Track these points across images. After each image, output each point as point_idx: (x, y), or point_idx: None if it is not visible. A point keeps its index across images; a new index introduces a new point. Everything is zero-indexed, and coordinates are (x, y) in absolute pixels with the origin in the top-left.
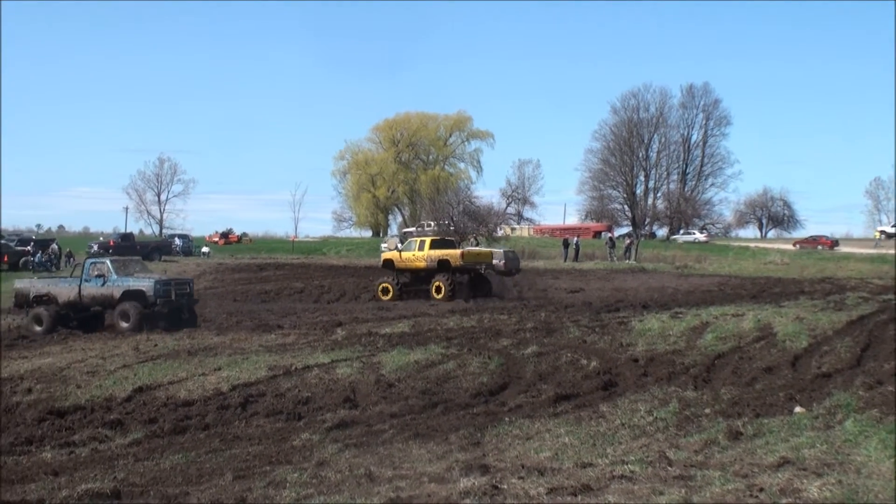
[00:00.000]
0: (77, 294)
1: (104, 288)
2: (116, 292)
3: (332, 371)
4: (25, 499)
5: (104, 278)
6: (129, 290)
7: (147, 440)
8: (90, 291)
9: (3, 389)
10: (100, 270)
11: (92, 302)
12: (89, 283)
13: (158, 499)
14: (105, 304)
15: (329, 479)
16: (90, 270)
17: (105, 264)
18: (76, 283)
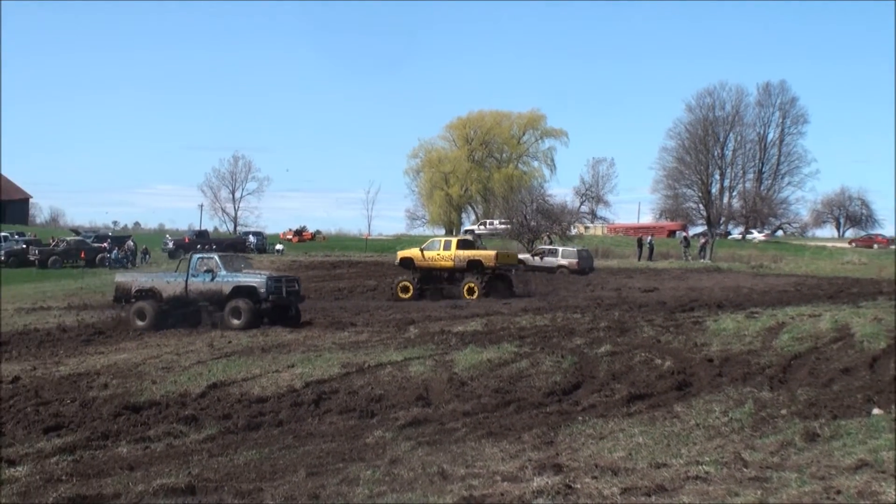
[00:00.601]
0: (183, 289)
1: (213, 284)
2: (226, 288)
3: (404, 369)
4: (102, 493)
5: (213, 274)
6: (240, 286)
7: (221, 436)
8: (198, 287)
9: (80, 384)
10: (208, 266)
11: (199, 297)
12: (196, 278)
13: (232, 494)
14: (213, 300)
15: (402, 477)
16: (197, 266)
17: (213, 259)
18: (182, 278)
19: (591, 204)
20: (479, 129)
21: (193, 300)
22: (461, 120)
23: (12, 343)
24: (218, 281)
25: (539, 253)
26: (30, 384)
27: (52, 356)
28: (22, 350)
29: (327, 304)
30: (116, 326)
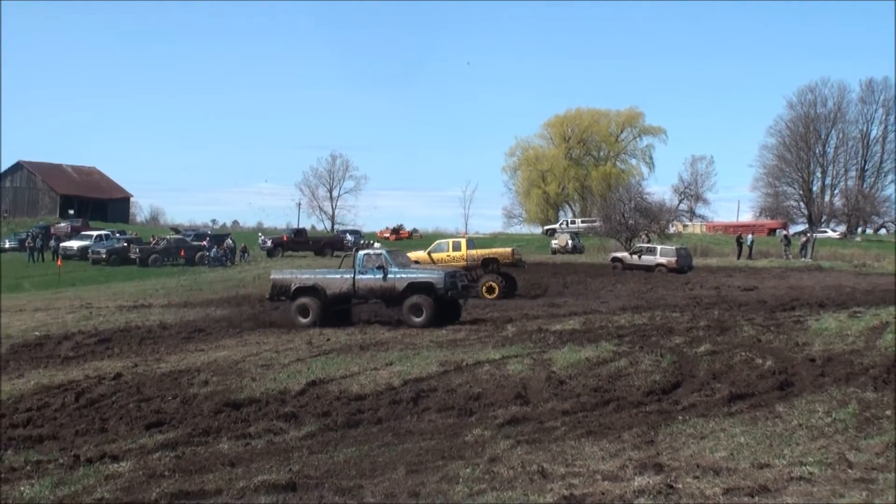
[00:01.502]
0: (351, 286)
1: (385, 280)
2: (400, 285)
3: (503, 367)
4: (203, 489)
5: (384, 270)
6: (416, 282)
7: (321, 433)
8: (367, 284)
9: (181, 381)
10: (377, 262)
11: (369, 294)
12: (365, 275)
13: (333, 491)
14: (385, 297)
15: (501, 475)
16: (364, 262)
17: (382, 255)
18: (347, 274)
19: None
20: (576, 126)
21: (362, 297)
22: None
23: (114, 340)
24: (390, 278)
25: (637, 251)
26: (132, 381)
27: (154, 353)
28: (124, 347)
29: None
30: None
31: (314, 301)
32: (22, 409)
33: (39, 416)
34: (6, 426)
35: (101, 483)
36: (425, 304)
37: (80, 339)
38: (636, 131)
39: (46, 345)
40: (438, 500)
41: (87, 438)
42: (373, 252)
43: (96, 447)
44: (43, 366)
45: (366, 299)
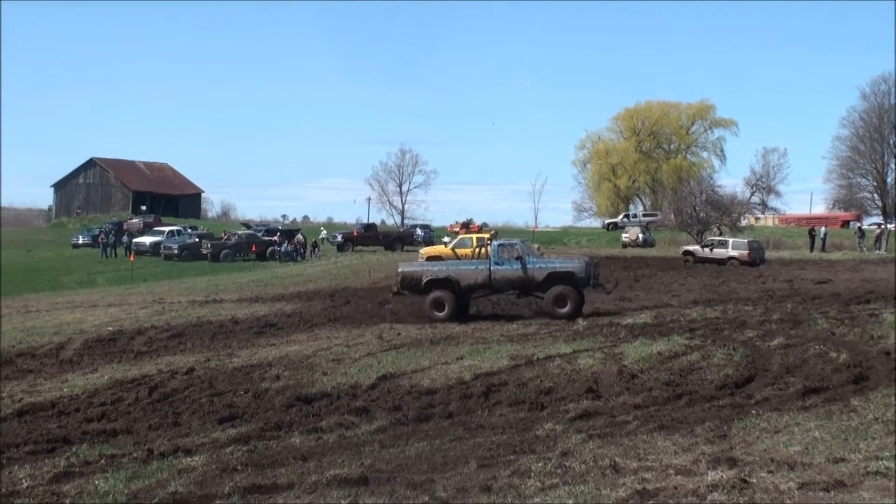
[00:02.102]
0: (486, 277)
1: (525, 271)
2: (539, 275)
3: (573, 361)
4: (276, 482)
5: (522, 260)
6: (556, 272)
7: (392, 427)
8: (504, 274)
9: (253, 376)
10: (515, 253)
11: (506, 285)
12: (501, 265)
13: (405, 486)
14: (523, 287)
15: (573, 470)
16: (500, 253)
17: (518, 246)
18: (482, 265)
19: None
20: (646, 119)
21: (498, 288)
22: (629, 111)
23: (186, 335)
24: (531, 268)
25: (709, 244)
26: (204, 375)
27: (226, 348)
28: (196, 342)
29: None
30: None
31: (448, 294)
32: (96, 404)
33: (113, 410)
34: (80, 420)
35: (174, 477)
36: (570, 295)
37: (152, 334)
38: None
39: (120, 340)
40: (510, 495)
41: (160, 433)
42: (507, 243)
43: (169, 441)
44: (116, 360)
45: (502, 290)
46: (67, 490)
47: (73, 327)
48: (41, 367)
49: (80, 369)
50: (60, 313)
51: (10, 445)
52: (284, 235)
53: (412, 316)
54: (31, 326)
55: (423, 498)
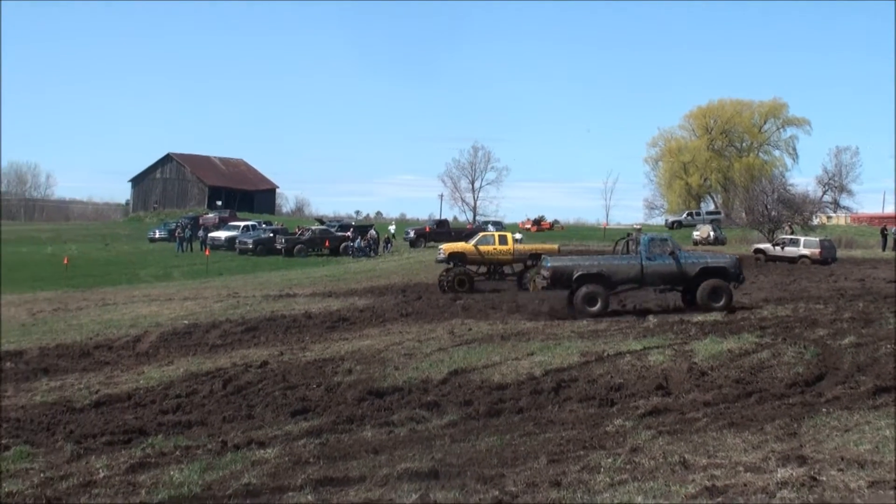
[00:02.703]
0: (638, 272)
1: (676, 266)
2: (691, 270)
3: (643, 358)
4: (348, 475)
5: (674, 255)
6: (709, 267)
7: (462, 422)
8: (656, 269)
9: (326, 370)
10: (665, 248)
11: (657, 280)
12: (653, 260)
13: (475, 479)
14: (675, 282)
15: (643, 466)
16: (650, 248)
17: (669, 242)
18: (633, 260)
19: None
20: (718, 118)
21: (649, 283)
22: (701, 109)
23: (260, 329)
24: (683, 263)
25: (780, 243)
26: (277, 369)
27: (299, 342)
28: (269, 336)
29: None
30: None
31: (601, 288)
32: (171, 396)
33: (188, 402)
34: (156, 412)
35: (247, 468)
36: (724, 289)
37: (227, 327)
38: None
39: (195, 333)
40: (580, 490)
41: (234, 425)
42: (657, 237)
43: (243, 433)
44: (192, 353)
45: (652, 284)
46: (143, 480)
47: (149, 320)
48: (118, 360)
49: (156, 362)
50: (137, 306)
51: (88, 436)
52: (357, 231)
53: (522, 310)
54: (109, 319)
55: (493, 492)
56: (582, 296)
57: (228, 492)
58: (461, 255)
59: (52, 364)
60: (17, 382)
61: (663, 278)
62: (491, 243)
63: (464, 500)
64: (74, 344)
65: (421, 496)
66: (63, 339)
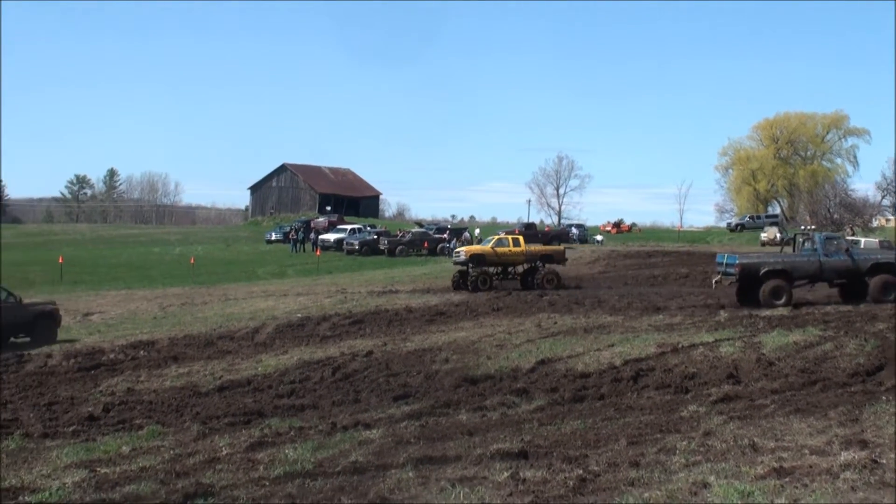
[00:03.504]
0: (817, 268)
1: (851, 261)
2: (864, 265)
3: (715, 349)
4: (445, 454)
5: (849, 252)
6: (880, 262)
7: (549, 407)
8: (833, 265)
9: (424, 359)
10: (840, 246)
11: (833, 275)
12: (830, 257)
13: (561, 460)
14: (849, 277)
15: (715, 448)
16: (826, 245)
17: (842, 240)
18: (812, 257)
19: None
20: (784, 129)
21: (826, 278)
22: (768, 121)
23: (366, 321)
24: (856, 259)
25: None
26: (381, 358)
27: (400, 333)
28: (374, 328)
29: (643, 290)
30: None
31: (786, 283)
32: (286, 382)
33: (301, 387)
34: (273, 396)
35: (355, 448)
36: (894, 284)
37: (336, 320)
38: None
39: (307, 325)
40: (657, 470)
41: (342, 408)
42: (832, 236)
43: (350, 416)
44: (304, 343)
45: (827, 279)
46: (261, 458)
47: (266, 314)
48: (238, 349)
49: (273, 351)
50: (255, 301)
51: (212, 417)
52: (453, 233)
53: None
54: (230, 313)
55: (577, 471)
56: (769, 290)
57: (337, 468)
58: (481, 257)
59: (180, 352)
60: (149, 369)
61: (839, 273)
62: (506, 245)
63: (550, 478)
64: (200, 335)
65: (511, 474)
66: (190, 330)
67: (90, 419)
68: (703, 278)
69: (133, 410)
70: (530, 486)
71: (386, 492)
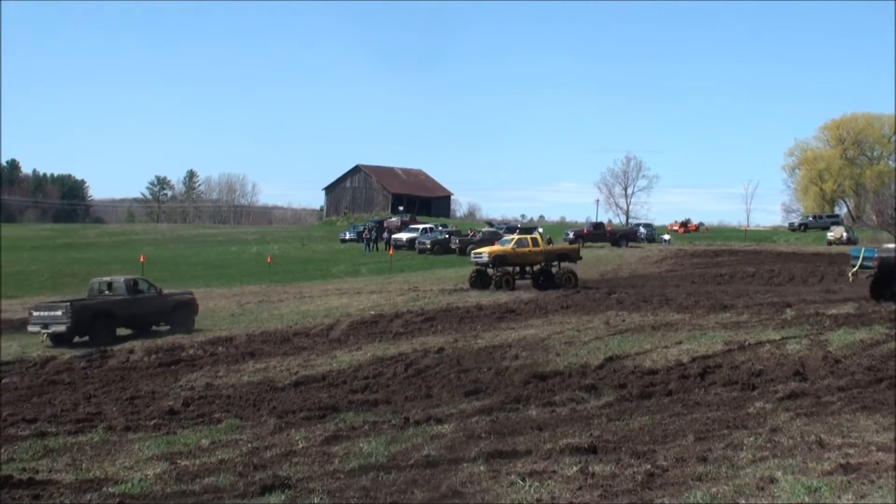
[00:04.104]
0: None
1: None
2: None
3: (782, 347)
4: (515, 449)
5: None
6: None
7: (617, 403)
8: None
9: (495, 355)
10: None
11: None
12: None
13: (629, 455)
14: None
15: (782, 444)
16: None
17: None
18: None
19: None
20: (851, 129)
21: None
22: (834, 122)
23: (437, 319)
24: None
25: None
26: (452, 354)
27: (471, 330)
28: (445, 325)
29: (710, 289)
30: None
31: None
32: (360, 377)
33: (375, 383)
34: (347, 391)
35: (427, 442)
36: None
37: (408, 317)
38: None
39: (380, 322)
40: (724, 465)
41: (414, 403)
42: None
43: (423, 411)
44: (377, 340)
45: None
46: (336, 451)
47: (340, 311)
48: (314, 345)
49: (347, 347)
50: (330, 299)
51: (288, 411)
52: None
53: None
54: (305, 310)
55: (645, 466)
56: None
57: (410, 462)
58: (503, 258)
59: (257, 348)
60: (227, 364)
61: None
62: (526, 246)
63: (619, 473)
64: (276, 331)
65: (581, 468)
66: (266, 326)
67: (171, 413)
68: (769, 277)
69: (212, 405)
70: (599, 480)
71: (458, 485)
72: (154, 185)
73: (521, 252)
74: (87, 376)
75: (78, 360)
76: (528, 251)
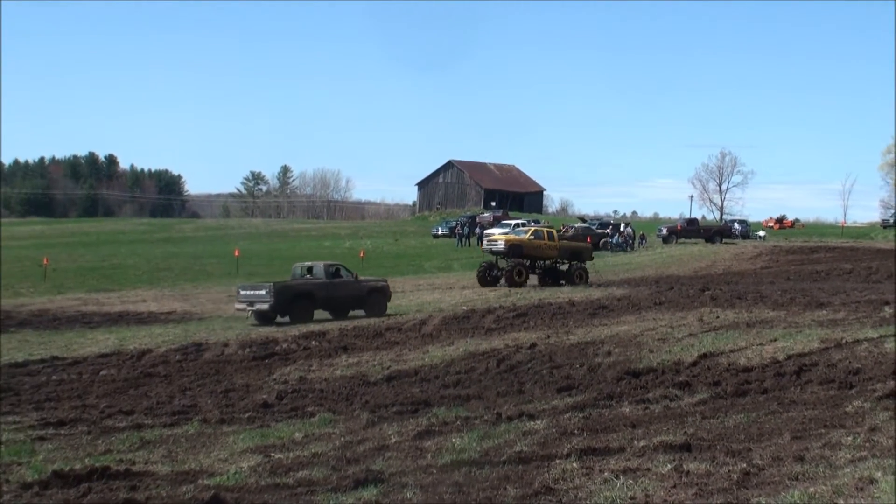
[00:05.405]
0: None
1: None
2: None
3: (880, 345)
4: (608, 446)
5: None
6: None
7: (712, 400)
8: None
9: (587, 351)
10: None
11: None
12: None
13: (724, 453)
14: None
15: (881, 444)
16: None
17: None
18: None
19: None
20: None
21: None
22: None
23: (530, 314)
24: None
25: None
26: (545, 350)
27: (563, 326)
28: (538, 321)
29: (806, 286)
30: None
31: None
32: (452, 372)
33: (467, 378)
34: (439, 386)
35: (519, 438)
36: None
37: (500, 313)
38: None
39: (472, 317)
40: (822, 465)
41: (506, 399)
42: None
43: (515, 407)
44: (470, 335)
45: None
46: (428, 446)
47: (432, 306)
48: (406, 340)
49: (439, 342)
50: (422, 294)
51: (381, 406)
52: (615, 228)
53: None
54: (398, 305)
55: (741, 465)
56: None
57: (503, 458)
58: (518, 247)
59: (350, 343)
60: (321, 359)
61: None
62: (542, 238)
63: (714, 471)
64: (369, 326)
65: (675, 466)
66: (359, 321)
67: (264, 406)
68: (867, 274)
69: (305, 398)
70: (694, 478)
71: (550, 482)
72: (249, 180)
73: (537, 244)
74: (182, 369)
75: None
76: (544, 244)
